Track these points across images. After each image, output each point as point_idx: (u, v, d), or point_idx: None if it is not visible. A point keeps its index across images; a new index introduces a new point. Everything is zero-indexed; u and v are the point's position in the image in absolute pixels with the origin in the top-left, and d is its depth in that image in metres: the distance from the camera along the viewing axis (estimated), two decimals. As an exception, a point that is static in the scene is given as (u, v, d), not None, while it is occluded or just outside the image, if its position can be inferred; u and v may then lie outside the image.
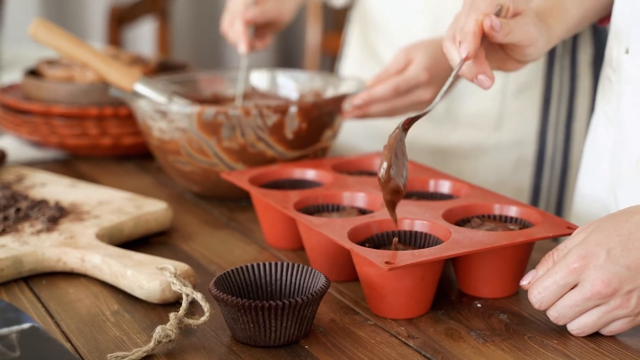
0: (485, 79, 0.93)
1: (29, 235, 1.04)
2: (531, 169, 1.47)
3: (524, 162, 1.47)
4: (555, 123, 1.45)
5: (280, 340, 0.84)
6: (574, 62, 1.45)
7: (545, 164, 1.47)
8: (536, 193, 1.48)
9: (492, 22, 0.91)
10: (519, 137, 1.46)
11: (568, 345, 0.84)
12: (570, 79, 1.45)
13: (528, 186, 1.47)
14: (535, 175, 1.47)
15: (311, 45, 3.39)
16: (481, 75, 0.93)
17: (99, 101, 1.43)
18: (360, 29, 1.58)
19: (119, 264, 0.96)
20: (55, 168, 1.41)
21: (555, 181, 1.47)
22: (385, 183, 0.89)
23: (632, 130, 1.01)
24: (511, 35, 0.93)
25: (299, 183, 1.14)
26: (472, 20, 0.91)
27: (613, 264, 0.81)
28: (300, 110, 1.19)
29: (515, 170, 1.47)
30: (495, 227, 0.95)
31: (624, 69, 1.02)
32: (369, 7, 1.52)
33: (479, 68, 0.93)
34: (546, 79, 1.44)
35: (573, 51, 1.45)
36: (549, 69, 1.44)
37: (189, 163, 1.22)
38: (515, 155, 1.47)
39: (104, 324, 0.89)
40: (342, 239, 0.90)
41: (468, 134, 1.46)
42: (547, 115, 1.45)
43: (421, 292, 0.89)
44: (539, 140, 1.46)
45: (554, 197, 1.48)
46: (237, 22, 1.33)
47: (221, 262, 1.05)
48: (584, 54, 1.45)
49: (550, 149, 1.46)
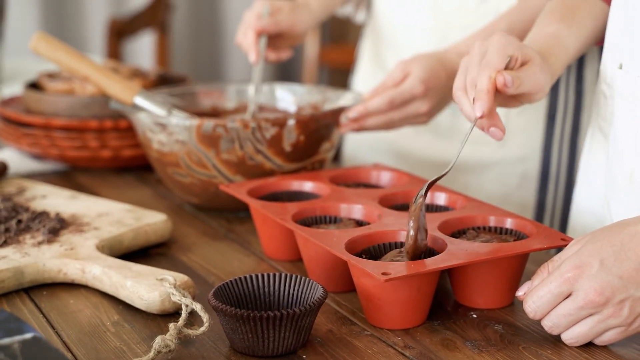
0: (497, 131, 0.95)
1: (30, 247, 1.05)
2: (536, 184, 1.47)
3: (528, 178, 1.47)
4: (560, 139, 1.46)
5: (278, 351, 0.85)
6: (580, 78, 1.45)
7: (549, 180, 1.47)
8: (541, 208, 1.48)
9: (505, 79, 0.93)
10: (523, 152, 1.46)
11: (562, 355, 0.85)
12: (575, 94, 1.45)
13: (533, 201, 1.47)
14: (539, 190, 1.47)
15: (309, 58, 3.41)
16: (493, 128, 0.95)
17: (99, 114, 1.44)
18: (372, 44, 1.60)
19: (119, 275, 0.97)
20: (56, 180, 1.42)
21: (560, 196, 1.47)
22: (412, 252, 0.91)
23: (625, 145, 1.02)
24: (522, 87, 0.95)
25: (296, 195, 1.15)
26: (486, 77, 0.93)
27: (606, 274, 0.82)
28: (298, 123, 1.20)
29: (520, 186, 1.47)
30: (491, 239, 0.96)
31: (618, 84, 1.03)
32: (380, 23, 1.54)
33: (490, 122, 0.94)
34: (551, 95, 1.45)
35: (579, 67, 1.45)
36: (555, 86, 1.44)
37: (188, 175, 1.23)
38: (519, 171, 1.47)
39: (104, 334, 0.90)
40: (339, 251, 0.91)
41: (473, 149, 1.46)
42: (552, 131, 1.45)
43: (417, 303, 0.90)
44: (543, 155, 1.46)
45: (559, 213, 1.48)
46: (249, 32, 1.35)
47: (220, 273, 1.06)
48: (590, 70, 1.45)
49: (555, 164, 1.46)
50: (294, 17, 1.38)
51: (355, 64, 1.71)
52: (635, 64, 1.00)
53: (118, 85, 1.33)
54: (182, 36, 3.72)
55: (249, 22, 1.36)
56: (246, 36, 1.36)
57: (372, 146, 1.54)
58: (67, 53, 1.38)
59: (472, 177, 1.48)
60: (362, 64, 1.66)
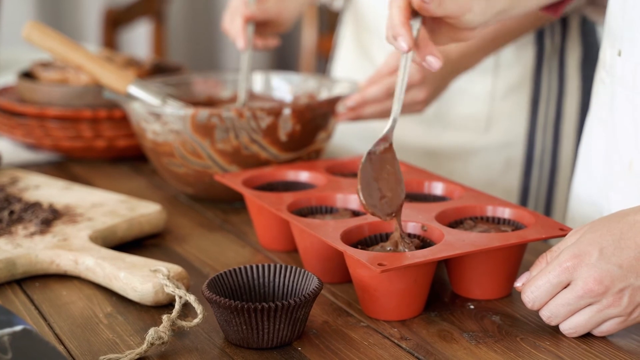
0: (434, 60, 0.93)
1: (23, 238, 1.04)
2: (520, 169, 1.48)
3: (513, 163, 1.48)
4: (544, 124, 1.47)
5: (273, 342, 0.84)
6: (562, 63, 1.46)
7: (534, 165, 1.48)
8: (525, 193, 1.49)
9: None
10: (508, 138, 1.47)
11: (560, 346, 0.84)
12: (558, 80, 1.46)
13: (517, 186, 1.49)
14: (524, 175, 1.48)
15: (307, 47, 3.40)
16: (429, 57, 0.93)
17: (93, 103, 1.43)
18: (353, 30, 1.59)
19: (113, 266, 0.96)
20: (49, 170, 1.41)
21: (544, 182, 1.48)
22: (370, 213, 0.90)
23: (624, 133, 1.01)
24: (443, 6, 0.91)
25: (292, 185, 1.14)
26: (396, 9, 0.91)
27: (605, 262, 0.81)
28: (294, 112, 1.19)
29: (504, 171, 1.48)
30: (488, 229, 0.95)
31: (617, 71, 1.02)
32: (361, 8, 1.53)
33: (424, 51, 0.93)
34: (535, 80, 1.46)
35: (561, 53, 1.46)
36: (538, 71, 1.45)
37: (182, 165, 1.22)
38: (504, 156, 1.48)
39: (97, 326, 0.89)
40: (335, 241, 0.90)
41: (458, 136, 1.47)
42: (535, 116, 1.46)
43: (414, 294, 0.89)
44: (527, 141, 1.47)
45: (543, 198, 1.49)
46: (237, 19, 1.34)
47: (214, 264, 1.05)
48: (572, 56, 1.46)
49: (539, 149, 1.47)
50: (281, 6, 1.37)
51: (334, 51, 1.70)
52: (634, 51, 0.98)
53: (112, 75, 1.32)
54: (178, 25, 3.71)
55: (236, 8, 1.35)
56: (233, 23, 1.35)
57: (362, 135, 1.54)
58: (60, 42, 1.37)
59: (457, 163, 1.48)
60: (341, 50, 1.65)
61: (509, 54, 1.44)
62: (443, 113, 1.47)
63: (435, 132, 1.48)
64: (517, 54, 1.45)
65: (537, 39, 1.45)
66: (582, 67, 1.47)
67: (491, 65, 1.44)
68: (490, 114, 1.47)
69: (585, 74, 1.47)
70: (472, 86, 1.45)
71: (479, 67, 1.41)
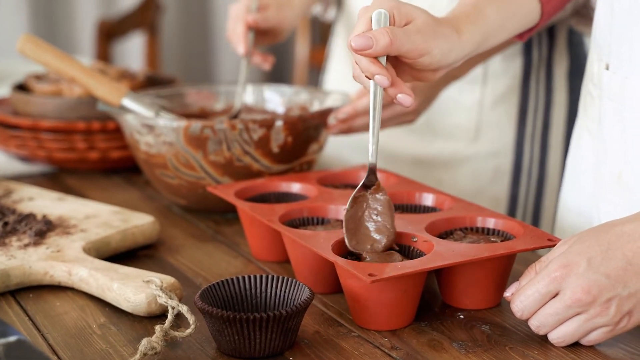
0: (404, 97, 0.92)
1: (17, 249, 1.04)
2: (509, 178, 1.49)
3: (501, 172, 1.49)
4: (532, 134, 1.48)
5: (265, 352, 0.84)
6: (550, 74, 1.48)
7: (522, 174, 1.49)
8: (514, 202, 1.50)
9: (355, 41, 0.90)
10: (496, 147, 1.49)
11: (549, 355, 0.85)
12: (545, 91, 1.48)
13: (506, 195, 1.50)
14: (512, 184, 1.49)
15: (300, 58, 3.41)
16: (399, 95, 0.92)
17: (87, 115, 1.44)
18: (345, 41, 1.60)
19: (106, 277, 0.96)
20: (43, 182, 1.41)
21: (532, 190, 1.50)
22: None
23: (613, 145, 1.03)
24: (395, 46, 0.90)
25: (284, 196, 1.15)
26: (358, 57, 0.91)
27: (593, 272, 0.82)
28: (286, 124, 1.20)
29: (493, 180, 1.49)
30: (478, 240, 0.96)
31: (605, 84, 1.03)
32: (353, 20, 1.54)
33: (395, 90, 0.92)
34: (522, 91, 1.47)
35: (548, 64, 1.48)
36: (525, 82, 1.47)
37: (175, 177, 1.22)
38: (493, 165, 1.49)
39: (91, 337, 0.89)
40: (326, 252, 0.91)
41: (447, 145, 1.48)
42: (523, 126, 1.48)
43: (404, 304, 0.90)
44: (515, 150, 1.49)
45: (531, 207, 1.50)
46: (239, 25, 1.35)
47: (207, 274, 1.06)
48: (559, 67, 1.48)
49: (527, 159, 1.49)
50: (281, 15, 1.38)
51: (326, 63, 1.71)
52: (622, 64, 1.00)
53: (105, 87, 1.33)
54: (172, 37, 3.72)
55: (238, 14, 1.36)
56: (235, 29, 1.36)
57: (354, 146, 1.55)
58: (54, 55, 1.38)
59: (446, 173, 1.50)
60: (333, 62, 1.66)
61: (497, 64, 1.46)
62: (432, 122, 1.49)
63: (424, 141, 1.50)
64: (505, 65, 1.46)
65: (525, 50, 1.46)
66: (569, 77, 1.49)
67: (480, 75, 1.46)
68: (479, 123, 1.48)
69: (573, 85, 1.49)
70: (461, 96, 1.47)
71: (468, 77, 1.42)
